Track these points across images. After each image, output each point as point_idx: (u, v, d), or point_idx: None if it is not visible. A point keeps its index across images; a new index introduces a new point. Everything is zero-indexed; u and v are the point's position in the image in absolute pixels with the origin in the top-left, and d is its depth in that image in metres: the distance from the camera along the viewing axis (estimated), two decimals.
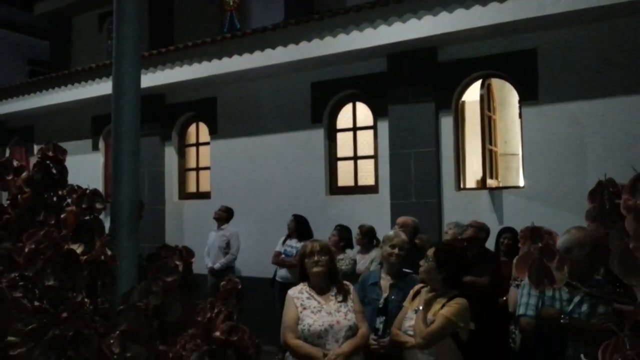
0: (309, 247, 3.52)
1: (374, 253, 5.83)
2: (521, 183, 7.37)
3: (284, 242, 7.16)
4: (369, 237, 6.19)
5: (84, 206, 1.90)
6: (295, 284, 6.71)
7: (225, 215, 7.81)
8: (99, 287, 1.95)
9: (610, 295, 2.83)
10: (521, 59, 6.30)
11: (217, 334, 2.00)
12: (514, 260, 4.72)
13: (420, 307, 3.35)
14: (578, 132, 6.02)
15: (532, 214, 5.99)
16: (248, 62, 7.65)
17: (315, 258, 3.45)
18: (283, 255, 7.03)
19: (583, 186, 5.94)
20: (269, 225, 7.74)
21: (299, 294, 3.48)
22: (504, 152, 7.89)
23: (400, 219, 5.70)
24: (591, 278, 3.10)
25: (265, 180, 8.16)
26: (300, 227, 7.09)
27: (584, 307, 3.10)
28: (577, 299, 3.11)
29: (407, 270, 4.25)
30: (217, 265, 7.56)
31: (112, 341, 1.78)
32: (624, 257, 1.44)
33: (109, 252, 1.91)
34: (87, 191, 1.96)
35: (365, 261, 5.95)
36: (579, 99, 6.00)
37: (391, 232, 4.45)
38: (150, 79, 8.30)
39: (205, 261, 7.62)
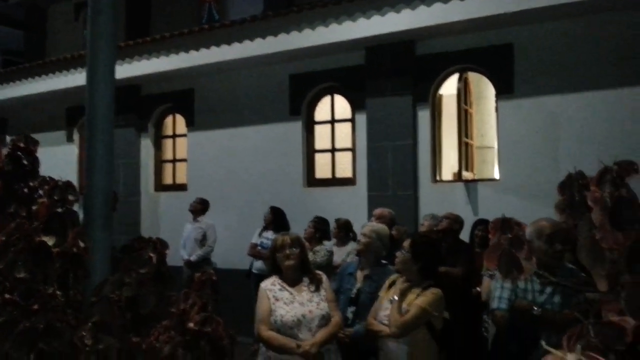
0: (280, 240, 3.52)
1: (350, 246, 5.86)
2: (497, 176, 7.48)
3: (260, 233, 7.16)
4: (345, 231, 6.20)
5: (56, 198, 1.88)
6: (269, 276, 6.77)
7: (200, 207, 7.76)
8: (71, 279, 1.93)
9: (577, 284, 2.89)
10: (498, 53, 6.37)
11: (191, 324, 2.00)
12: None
13: (395, 297, 3.39)
14: (553, 126, 6.12)
15: (506, 206, 6.05)
16: (226, 54, 7.60)
17: (287, 251, 3.45)
18: (260, 247, 7.02)
19: (557, 179, 5.95)
20: (246, 217, 7.72)
21: (271, 286, 3.49)
22: (480, 145, 7.98)
23: (377, 211, 5.74)
24: (559, 267, 3.17)
25: (242, 172, 8.13)
26: (276, 219, 7.09)
27: (556, 298, 3.16)
28: (549, 289, 3.17)
29: (384, 262, 4.29)
30: (193, 258, 7.52)
31: (84, 333, 1.77)
32: (591, 248, 1.48)
33: (82, 244, 1.90)
34: (60, 183, 1.94)
35: (342, 254, 5.97)
36: (554, 93, 6.09)
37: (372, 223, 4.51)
38: (126, 70, 8.19)
39: (181, 253, 7.57)
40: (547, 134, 6.15)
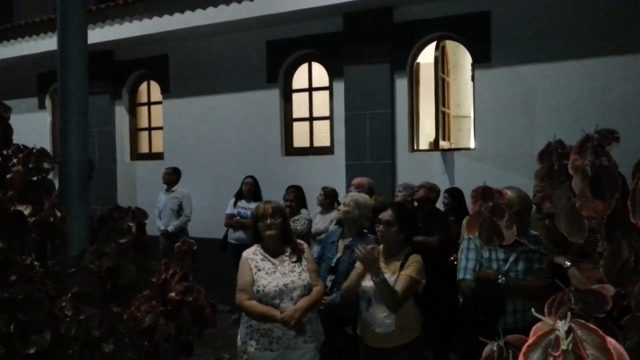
0: (262, 209, 3.51)
1: (334, 214, 5.89)
2: (472, 145, 7.54)
3: (234, 204, 7.13)
4: (331, 199, 6.24)
5: (30, 166, 1.83)
6: (249, 245, 6.79)
7: (174, 178, 7.69)
8: (48, 250, 1.91)
9: (547, 250, 2.96)
10: (475, 22, 6.34)
11: (172, 294, 2.00)
12: (464, 220, 4.86)
13: (386, 275, 3.38)
14: (529, 96, 6.16)
15: (482, 175, 6.12)
16: (201, 19, 7.42)
17: (268, 221, 3.44)
18: (238, 217, 7.02)
19: (533, 148, 6.12)
20: (223, 186, 7.67)
21: (253, 255, 3.50)
22: (456, 114, 8.02)
23: (356, 180, 5.76)
24: (524, 234, 3.24)
25: (219, 140, 8.05)
26: (256, 188, 7.10)
27: (520, 265, 3.24)
28: (512, 257, 3.25)
29: (365, 232, 4.32)
30: (170, 228, 7.48)
31: (64, 304, 1.75)
32: (570, 216, 1.50)
33: (59, 214, 1.86)
34: (34, 150, 1.89)
35: (325, 221, 6.00)
36: (531, 62, 6.11)
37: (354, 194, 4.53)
38: (98, 35, 7.95)
39: (157, 224, 7.52)
40: (524, 103, 6.19)
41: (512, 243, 3.19)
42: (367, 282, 3.43)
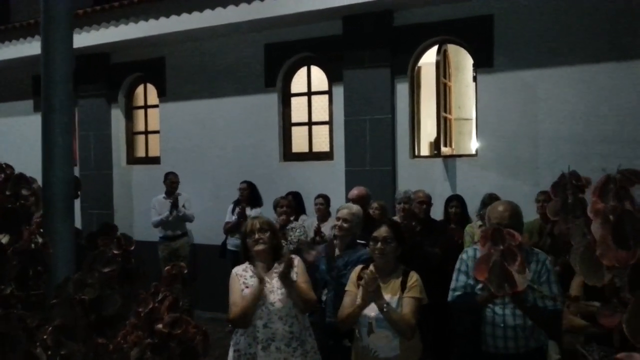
0: (250, 225, 3.40)
1: (331, 222, 5.77)
2: (473, 148, 7.44)
3: (233, 210, 7.01)
4: (328, 206, 6.19)
5: (7, 193, 1.71)
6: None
7: (178, 182, 7.63)
8: (31, 277, 1.80)
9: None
10: (478, 25, 6.23)
11: (160, 326, 1.89)
12: (467, 227, 4.76)
13: (389, 302, 3.25)
14: (532, 101, 6.04)
15: (485, 183, 6.08)
16: (198, 21, 7.30)
17: (257, 236, 3.33)
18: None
19: (535, 155, 6.03)
20: (221, 192, 7.55)
21: (242, 272, 3.39)
22: (457, 117, 7.90)
23: (354, 192, 5.61)
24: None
25: (216, 145, 7.93)
26: (251, 194, 6.98)
27: None
28: None
29: (360, 242, 4.23)
30: (180, 212, 7.32)
31: (45, 337, 1.65)
32: (586, 255, 1.39)
33: (41, 239, 1.76)
34: (12, 176, 1.77)
35: (326, 229, 5.90)
36: (534, 67, 6.00)
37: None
38: (94, 37, 7.83)
39: (154, 220, 7.40)
40: (527, 109, 6.08)
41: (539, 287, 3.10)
42: (368, 308, 3.27)
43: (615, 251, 1.23)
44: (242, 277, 3.36)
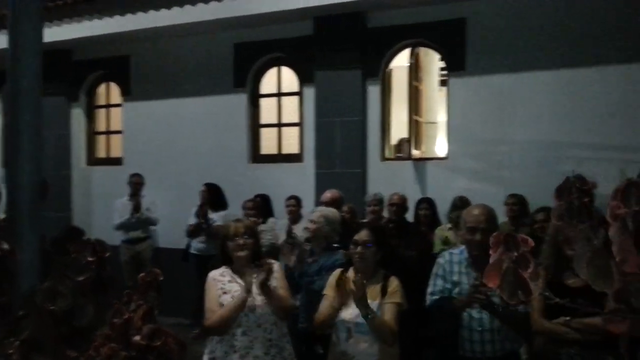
0: (232, 228, 3.24)
1: (302, 223, 5.69)
2: (439, 151, 7.47)
3: (196, 213, 6.82)
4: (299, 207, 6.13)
5: None
6: (211, 255, 6.52)
7: (143, 182, 7.41)
8: None
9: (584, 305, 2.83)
10: (450, 29, 6.24)
11: (138, 338, 1.75)
12: (437, 230, 4.73)
13: (373, 309, 3.17)
14: (503, 105, 6.08)
15: (455, 185, 6.08)
16: (166, 19, 7.09)
17: (240, 241, 3.19)
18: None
19: (505, 159, 6.07)
20: (187, 195, 7.29)
21: (220, 277, 3.24)
22: (425, 120, 7.91)
23: (327, 195, 5.53)
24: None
25: (182, 146, 7.71)
26: (213, 197, 6.80)
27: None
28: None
29: (336, 245, 4.16)
30: (145, 213, 7.11)
31: (11, 351, 1.51)
32: (594, 261, 1.34)
33: (6, 246, 1.62)
34: None
35: (298, 231, 5.80)
36: (505, 71, 6.04)
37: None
38: (55, 33, 7.49)
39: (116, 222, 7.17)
40: (497, 112, 6.11)
41: (485, 266, 3.11)
42: (346, 313, 3.19)
43: (637, 257, 1.18)
44: (220, 282, 3.22)
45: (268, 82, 7.47)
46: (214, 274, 3.27)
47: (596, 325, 2.77)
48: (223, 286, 3.19)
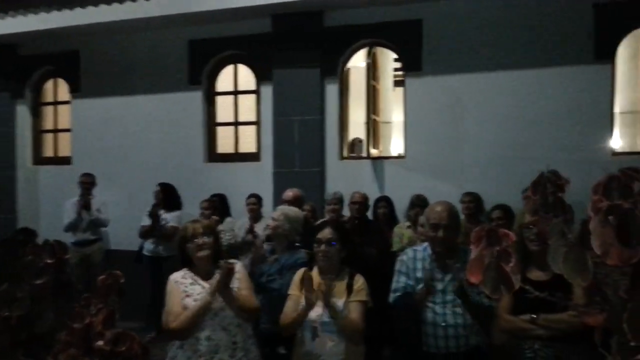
0: (191, 229, 3.14)
1: (264, 222, 5.62)
2: (394, 150, 7.53)
3: (149, 214, 6.63)
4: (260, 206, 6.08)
5: None
6: (165, 257, 6.36)
7: (93, 182, 7.16)
8: None
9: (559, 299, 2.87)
10: (407, 29, 6.29)
11: (101, 343, 1.67)
12: (396, 228, 4.75)
13: (338, 304, 3.13)
14: (459, 105, 6.18)
15: (412, 184, 6.14)
16: (117, 13, 6.87)
17: (200, 241, 3.10)
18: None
19: (461, 158, 6.16)
20: (140, 195, 7.07)
21: (182, 279, 3.13)
22: (382, 119, 7.97)
23: (288, 194, 5.47)
24: (456, 251, 3.22)
25: (135, 145, 7.50)
26: (167, 197, 6.64)
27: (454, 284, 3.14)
28: (448, 277, 3.16)
29: (297, 244, 4.11)
30: (94, 215, 6.87)
31: None
32: (570, 255, 1.35)
33: None
34: None
35: (259, 229, 5.73)
36: (461, 72, 6.14)
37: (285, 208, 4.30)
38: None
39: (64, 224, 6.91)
40: (453, 112, 6.21)
41: (448, 262, 3.14)
42: (312, 312, 3.14)
43: (620, 250, 1.19)
44: (182, 284, 3.11)
45: (224, 80, 7.35)
46: (175, 277, 3.16)
47: (563, 321, 2.82)
48: (185, 289, 3.09)
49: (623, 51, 6.14)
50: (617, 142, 6.24)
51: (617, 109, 6.02)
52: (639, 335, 1.18)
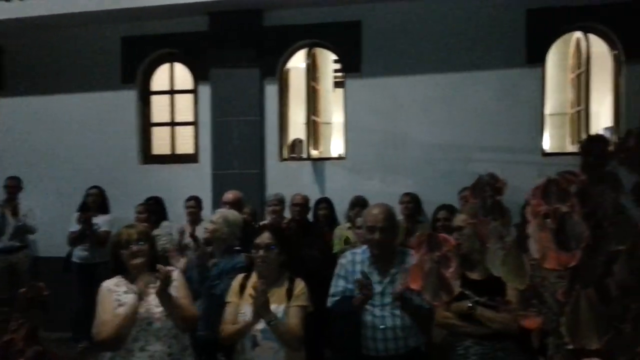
0: (124, 235, 3.00)
1: (203, 224, 5.48)
2: (334, 151, 7.53)
3: (78, 219, 6.33)
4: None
5: None
6: (97, 263, 6.09)
7: (19, 186, 6.77)
8: None
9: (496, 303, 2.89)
10: (346, 31, 6.30)
11: None
12: (336, 230, 4.72)
13: (279, 312, 3.06)
14: (397, 106, 6.24)
15: (353, 185, 6.15)
16: (46, 8, 6.52)
17: (134, 248, 2.96)
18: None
19: (399, 159, 6.22)
20: (69, 199, 6.70)
21: (115, 287, 2.98)
22: (322, 120, 7.95)
23: (228, 196, 5.35)
24: (394, 251, 3.25)
25: (65, 146, 7.14)
26: (98, 201, 6.38)
27: (395, 287, 3.15)
28: (387, 280, 3.17)
29: (237, 248, 4.03)
30: (20, 221, 6.51)
31: None
32: (508, 258, 1.34)
33: None
34: None
35: (199, 234, 5.58)
36: (399, 74, 6.20)
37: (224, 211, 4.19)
38: None
39: None
40: (392, 114, 6.26)
41: (387, 264, 3.16)
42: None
43: (557, 254, 1.19)
44: (115, 292, 2.95)
45: (160, 79, 7.12)
46: (107, 284, 3.00)
47: (496, 320, 2.88)
48: (118, 297, 2.93)
49: (553, 55, 6.38)
50: (547, 143, 6.48)
51: (547, 110, 6.25)
52: (576, 338, 1.19)
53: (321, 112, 7.35)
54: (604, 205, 1.34)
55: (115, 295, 2.94)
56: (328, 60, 7.55)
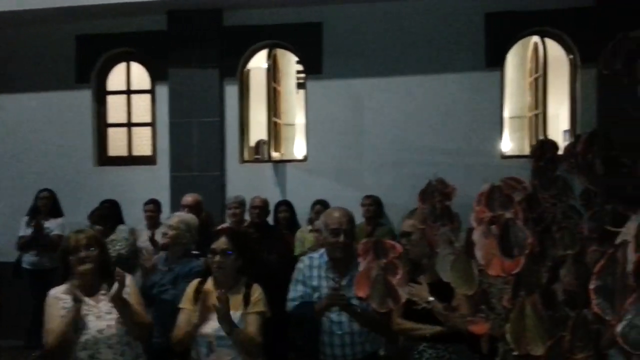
0: (73, 240, 2.87)
1: (162, 228, 5.34)
2: (296, 153, 7.47)
3: (28, 223, 6.09)
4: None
5: None
6: (49, 269, 5.88)
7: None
8: None
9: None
10: (307, 32, 6.26)
11: None
12: (297, 233, 4.65)
13: (237, 315, 2.98)
14: (358, 108, 6.22)
15: (314, 188, 6.10)
16: None
17: (83, 254, 2.84)
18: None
19: (361, 161, 6.21)
20: (20, 201, 6.39)
21: (62, 295, 2.85)
22: (284, 122, 7.90)
23: (188, 199, 5.23)
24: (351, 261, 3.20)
25: (15, 147, 6.86)
26: (49, 204, 6.16)
27: (348, 290, 3.11)
28: (345, 281, 3.15)
29: (195, 252, 3.93)
30: None
31: None
32: (456, 264, 1.32)
33: None
34: None
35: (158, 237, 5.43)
36: (360, 75, 6.18)
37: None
38: None
39: None
40: (353, 116, 6.24)
41: (344, 268, 3.12)
42: (207, 326, 2.96)
43: (501, 260, 1.16)
44: (62, 300, 2.81)
45: (116, 79, 6.94)
46: (55, 292, 2.87)
47: (449, 317, 2.86)
48: (65, 305, 2.80)
49: (512, 59, 6.46)
50: (506, 145, 6.56)
51: (506, 113, 6.33)
52: (521, 344, 1.16)
53: (283, 113, 7.28)
54: (553, 210, 1.32)
55: (62, 303, 2.82)
56: (291, 62, 7.50)
